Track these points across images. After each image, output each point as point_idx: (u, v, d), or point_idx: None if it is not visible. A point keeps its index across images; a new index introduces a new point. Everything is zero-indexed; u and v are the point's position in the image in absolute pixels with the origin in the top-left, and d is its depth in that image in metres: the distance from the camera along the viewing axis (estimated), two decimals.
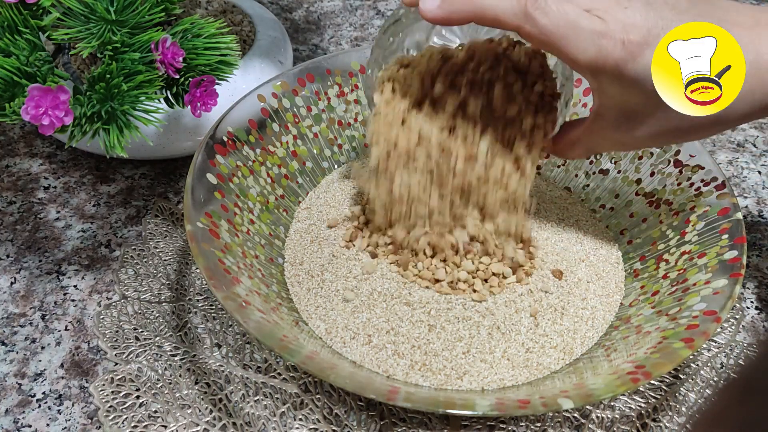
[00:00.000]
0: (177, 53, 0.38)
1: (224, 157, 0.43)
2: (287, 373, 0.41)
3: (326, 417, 0.39)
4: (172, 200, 0.53)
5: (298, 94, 0.49)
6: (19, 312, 0.44)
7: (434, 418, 0.39)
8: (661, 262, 0.42)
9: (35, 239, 0.49)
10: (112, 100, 0.37)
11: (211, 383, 0.40)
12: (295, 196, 0.49)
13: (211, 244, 0.37)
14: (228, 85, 0.44)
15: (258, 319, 0.34)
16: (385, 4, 0.78)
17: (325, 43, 0.71)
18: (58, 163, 0.55)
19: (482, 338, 0.38)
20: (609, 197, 0.48)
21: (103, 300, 0.45)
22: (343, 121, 0.52)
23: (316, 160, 0.50)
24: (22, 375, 0.41)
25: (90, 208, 0.52)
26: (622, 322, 0.40)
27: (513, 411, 0.32)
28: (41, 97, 0.35)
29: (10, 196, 0.52)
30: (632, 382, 0.32)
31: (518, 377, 0.37)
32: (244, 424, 0.38)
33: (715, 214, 0.41)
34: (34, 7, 0.37)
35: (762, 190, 0.55)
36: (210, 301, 0.45)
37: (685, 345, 0.33)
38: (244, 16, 0.59)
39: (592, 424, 0.39)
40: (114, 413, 0.39)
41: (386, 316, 0.39)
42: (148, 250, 0.48)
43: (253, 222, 0.44)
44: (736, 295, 0.35)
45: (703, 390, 0.41)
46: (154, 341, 0.42)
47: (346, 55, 0.52)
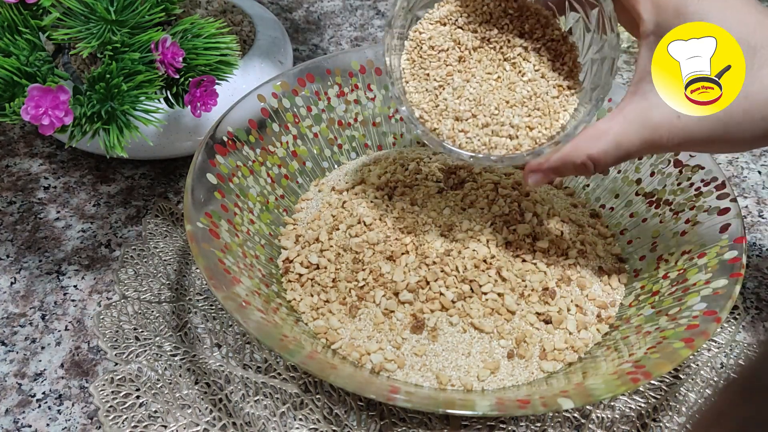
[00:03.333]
0: (177, 53, 0.38)
1: (224, 157, 0.43)
2: (287, 373, 0.41)
3: (326, 417, 0.39)
4: (172, 200, 0.53)
5: (298, 94, 0.49)
6: (19, 312, 0.44)
7: (434, 418, 0.39)
8: (661, 262, 0.42)
9: (35, 239, 0.49)
10: (112, 100, 0.37)
11: (211, 383, 0.40)
12: (295, 196, 0.49)
13: (211, 244, 0.37)
14: (228, 85, 0.44)
15: (258, 319, 0.34)
16: (385, 4, 0.78)
17: (325, 43, 0.71)
18: (58, 163, 0.55)
19: (483, 338, 0.38)
20: (609, 197, 0.48)
21: (103, 300, 0.45)
22: (343, 121, 0.52)
23: (316, 160, 0.50)
24: (22, 375, 0.41)
25: (90, 208, 0.52)
26: (622, 322, 0.40)
27: (513, 411, 0.32)
28: (41, 97, 0.35)
29: (10, 196, 0.52)
30: (632, 382, 0.32)
31: (518, 377, 0.37)
32: (244, 424, 0.38)
33: (715, 214, 0.41)
34: (34, 7, 0.37)
35: (762, 190, 0.55)
36: (210, 301, 0.45)
37: (685, 345, 0.33)
38: (244, 16, 0.59)
39: (592, 424, 0.39)
40: (114, 413, 0.39)
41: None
42: (148, 250, 0.48)
43: (253, 222, 0.44)
44: (736, 295, 0.35)
45: (703, 390, 0.41)
46: (154, 341, 0.42)
47: (346, 55, 0.52)
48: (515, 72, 0.38)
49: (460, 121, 0.37)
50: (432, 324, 0.38)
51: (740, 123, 0.31)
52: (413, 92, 0.38)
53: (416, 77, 0.38)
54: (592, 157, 0.34)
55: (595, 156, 0.34)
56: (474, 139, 0.37)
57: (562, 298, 0.40)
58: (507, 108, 0.37)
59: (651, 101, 0.33)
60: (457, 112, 0.37)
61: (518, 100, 0.37)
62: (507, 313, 0.39)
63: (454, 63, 0.38)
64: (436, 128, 0.37)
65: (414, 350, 0.38)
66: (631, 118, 0.33)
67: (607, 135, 0.33)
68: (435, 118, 0.37)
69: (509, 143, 0.37)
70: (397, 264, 0.40)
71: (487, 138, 0.37)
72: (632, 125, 0.33)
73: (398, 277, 0.40)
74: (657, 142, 0.33)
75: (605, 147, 0.33)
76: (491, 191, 0.44)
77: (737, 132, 0.32)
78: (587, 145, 0.34)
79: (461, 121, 0.37)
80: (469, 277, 0.40)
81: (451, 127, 0.37)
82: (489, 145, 0.37)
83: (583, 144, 0.34)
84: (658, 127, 0.32)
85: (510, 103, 0.37)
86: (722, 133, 0.32)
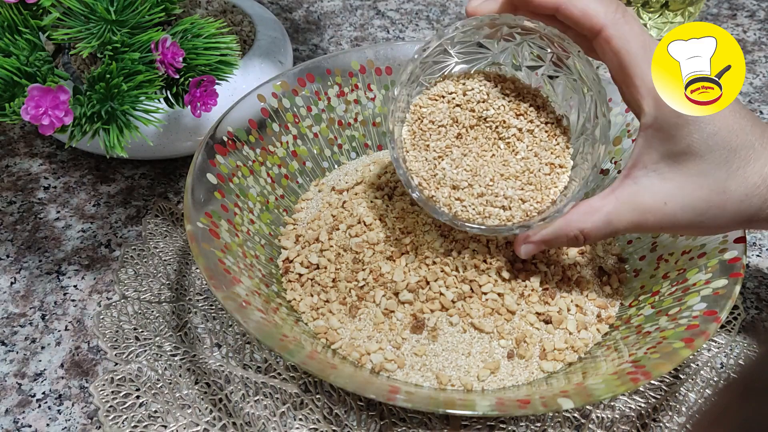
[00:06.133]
0: (177, 53, 0.38)
1: (224, 157, 0.43)
2: (287, 373, 0.41)
3: (326, 417, 0.39)
4: (172, 200, 0.53)
5: (298, 94, 0.49)
6: (19, 312, 0.44)
7: (434, 418, 0.39)
8: (661, 262, 0.42)
9: (35, 239, 0.49)
10: (112, 100, 0.37)
11: (211, 383, 0.40)
12: (295, 196, 0.49)
13: (211, 244, 0.37)
14: (228, 85, 0.44)
15: (258, 319, 0.34)
16: (385, 4, 0.78)
17: (325, 43, 0.71)
18: (58, 163, 0.55)
19: (483, 338, 0.38)
20: None
21: (103, 300, 0.45)
22: (343, 121, 0.52)
23: (316, 160, 0.50)
24: (22, 375, 0.41)
25: (90, 208, 0.52)
26: (622, 322, 0.40)
27: (513, 411, 0.32)
28: (41, 97, 0.35)
29: (10, 196, 0.52)
30: (632, 382, 0.32)
31: (518, 377, 0.37)
32: (244, 424, 0.38)
33: None
34: (34, 7, 0.37)
35: None
36: (210, 301, 0.45)
37: (685, 345, 0.33)
38: (244, 16, 0.59)
39: (592, 424, 0.39)
40: (114, 413, 0.39)
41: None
42: (148, 250, 0.48)
43: (253, 222, 0.44)
44: (736, 295, 0.35)
45: (703, 390, 0.41)
46: (154, 341, 0.42)
47: (346, 55, 0.52)
48: (509, 151, 0.40)
49: (456, 190, 0.39)
50: (432, 324, 0.38)
51: (716, 216, 0.34)
52: (413, 161, 0.40)
53: (416, 147, 0.40)
54: (584, 231, 0.36)
55: (587, 230, 0.36)
56: (469, 208, 0.39)
57: (562, 298, 0.40)
58: (501, 180, 0.39)
59: (641, 186, 0.35)
60: (455, 182, 0.39)
61: (512, 174, 0.39)
62: (507, 313, 0.39)
63: (452, 138, 0.40)
64: (433, 195, 0.39)
65: (414, 350, 0.38)
66: (623, 200, 0.36)
67: (599, 212, 0.36)
68: (433, 186, 0.39)
69: (502, 214, 0.39)
70: (397, 264, 0.40)
71: (482, 207, 0.39)
72: (623, 206, 0.36)
73: (398, 277, 0.40)
74: (643, 225, 0.36)
75: (597, 223, 0.36)
76: None
77: (712, 223, 0.35)
78: (580, 220, 0.36)
79: (458, 189, 0.39)
80: (469, 277, 0.40)
81: (448, 195, 0.39)
82: (483, 214, 0.39)
83: (575, 219, 0.37)
84: (646, 211, 0.35)
85: (504, 176, 0.39)
86: (699, 222, 0.35)
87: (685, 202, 0.34)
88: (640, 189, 0.35)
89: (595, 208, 0.36)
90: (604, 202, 0.36)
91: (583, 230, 0.36)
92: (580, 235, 0.37)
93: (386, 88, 0.52)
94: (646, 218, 0.35)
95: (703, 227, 0.35)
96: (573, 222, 0.37)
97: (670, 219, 0.35)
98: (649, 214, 0.35)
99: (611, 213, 0.36)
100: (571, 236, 0.37)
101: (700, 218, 0.35)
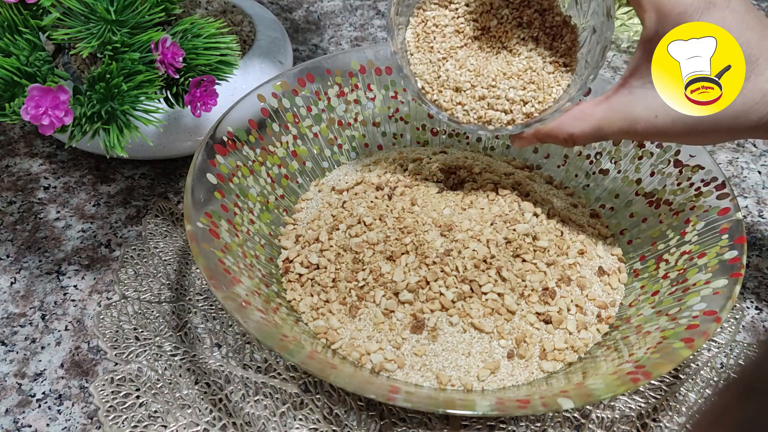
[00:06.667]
0: (177, 53, 0.38)
1: (224, 157, 0.43)
2: (287, 373, 0.41)
3: (326, 417, 0.39)
4: (172, 200, 0.53)
5: (298, 94, 0.49)
6: (19, 312, 0.44)
7: (434, 418, 0.39)
8: (661, 262, 0.42)
9: (35, 239, 0.49)
10: (112, 100, 0.37)
11: (211, 383, 0.40)
12: (295, 196, 0.49)
13: (211, 244, 0.37)
14: (228, 85, 0.44)
15: (258, 319, 0.34)
16: (385, 4, 0.78)
17: (325, 43, 0.71)
18: (58, 163, 0.55)
19: (483, 338, 0.38)
20: (609, 197, 0.48)
21: (103, 300, 0.45)
22: (343, 121, 0.52)
23: (316, 160, 0.50)
24: (22, 375, 0.41)
25: (90, 208, 0.52)
26: (622, 322, 0.40)
27: (513, 411, 0.32)
28: (41, 97, 0.35)
29: (10, 196, 0.52)
30: (632, 382, 0.32)
31: (518, 377, 0.37)
32: (244, 424, 0.38)
33: (715, 214, 0.41)
34: (34, 7, 0.37)
35: (762, 190, 0.55)
36: (210, 301, 0.45)
37: (685, 345, 0.33)
38: (244, 16, 0.59)
39: (592, 424, 0.39)
40: (114, 413, 0.39)
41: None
42: (148, 250, 0.48)
43: (253, 222, 0.44)
44: (736, 295, 0.35)
45: (703, 390, 0.41)
46: (154, 341, 0.42)
47: (346, 55, 0.52)
48: (512, 54, 0.40)
49: (459, 93, 0.39)
50: (432, 324, 0.38)
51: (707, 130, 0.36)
52: (417, 63, 0.40)
53: (420, 50, 0.40)
54: (574, 136, 0.39)
55: (576, 135, 0.39)
56: (470, 113, 0.39)
57: (562, 298, 0.40)
58: (504, 79, 0.40)
59: (636, 96, 0.36)
60: (458, 83, 0.39)
61: (515, 73, 0.40)
62: (507, 313, 0.39)
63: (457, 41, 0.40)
64: (436, 99, 0.40)
65: (414, 350, 0.38)
66: (616, 108, 0.37)
67: (590, 118, 0.38)
68: (435, 90, 0.40)
69: (503, 118, 0.40)
70: (397, 264, 0.40)
71: (483, 111, 0.39)
72: (615, 114, 0.37)
73: (398, 277, 0.40)
74: (633, 133, 0.37)
75: (585, 129, 0.38)
76: (491, 191, 0.44)
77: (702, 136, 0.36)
78: (571, 124, 0.38)
79: (460, 92, 0.39)
80: (469, 277, 0.40)
81: (449, 99, 0.39)
82: (484, 118, 0.39)
83: (567, 122, 0.38)
84: (636, 120, 0.36)
85: (507, 75, 0.40)
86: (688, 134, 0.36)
87: (676, 115, 0.35)
88: (633, 99, 0.36)
89: (587, 114, 0.38)
90: (596, 109, 0.37)
91: (573, 135, 0.38)
92: (570, 138, 0.39)
93: (386, 88, 0.52)
94: (636, 127, 0.36)
95: (693, 138, 0.36)
96: (564, 125, 0.38)
97: (661, 130, 0.36)
98: (638, 124, 0.36)
99: (602, 120, 0.37)
100: (560, 138, 0.39)
101: (690, 130, 0.35)
